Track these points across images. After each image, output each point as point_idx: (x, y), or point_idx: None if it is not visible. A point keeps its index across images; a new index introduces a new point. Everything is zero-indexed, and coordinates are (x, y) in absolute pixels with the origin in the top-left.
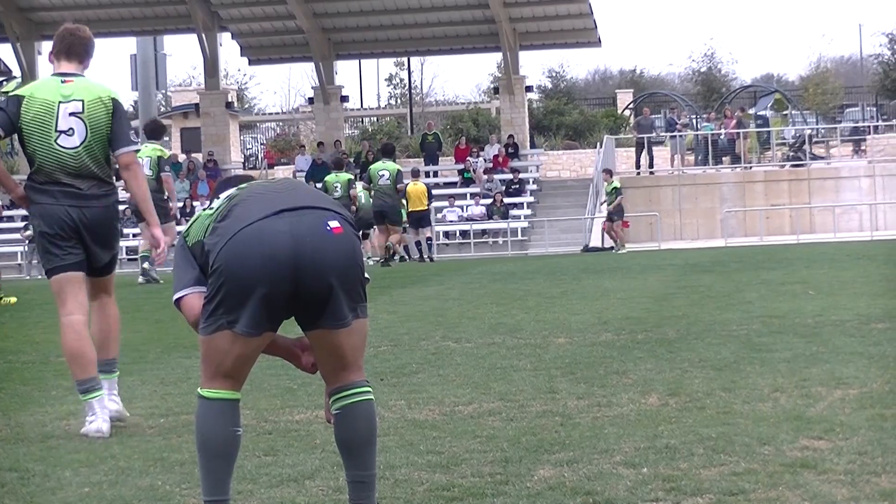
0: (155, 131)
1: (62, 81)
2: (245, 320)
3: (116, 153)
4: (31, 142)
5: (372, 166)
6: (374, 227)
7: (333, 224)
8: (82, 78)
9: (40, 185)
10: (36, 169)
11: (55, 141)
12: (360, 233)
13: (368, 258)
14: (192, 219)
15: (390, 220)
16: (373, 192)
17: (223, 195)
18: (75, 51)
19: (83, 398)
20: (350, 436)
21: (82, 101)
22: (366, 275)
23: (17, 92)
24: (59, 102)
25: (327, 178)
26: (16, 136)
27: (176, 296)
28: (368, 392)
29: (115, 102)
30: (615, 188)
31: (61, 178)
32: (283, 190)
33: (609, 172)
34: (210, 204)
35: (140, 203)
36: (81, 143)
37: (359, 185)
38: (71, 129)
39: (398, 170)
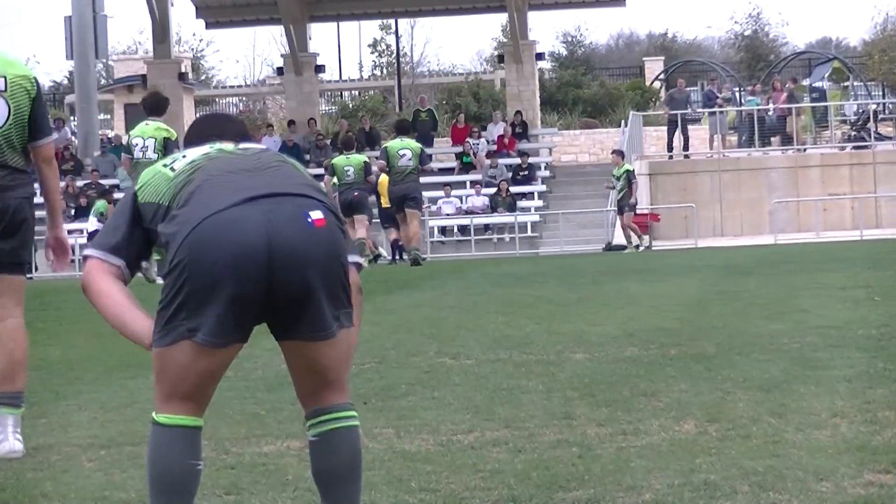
0: (157, 106)
1: None
2: (209, 327)
3: (39, 143)
4: None
5: (389, 145)
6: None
7: (316, 215)
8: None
9: None
10: None
11: None
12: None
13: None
14: (149, 171)
15: (417, 205)
16: (391, 175)
17: (189, 155)
18: None
19: None
20: (329, 468)
21: (4, 77)
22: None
23: None
24: None
25: (335, 161)
26: None
27: (87, 251)
28: (353, 417)
29: (38, 84)
30: (627, 171)
31: None
32: (258, 168)
33: (620, 154)
34: (173, 161)
35: (54, 200)
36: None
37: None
38: None
39: (422, 148)
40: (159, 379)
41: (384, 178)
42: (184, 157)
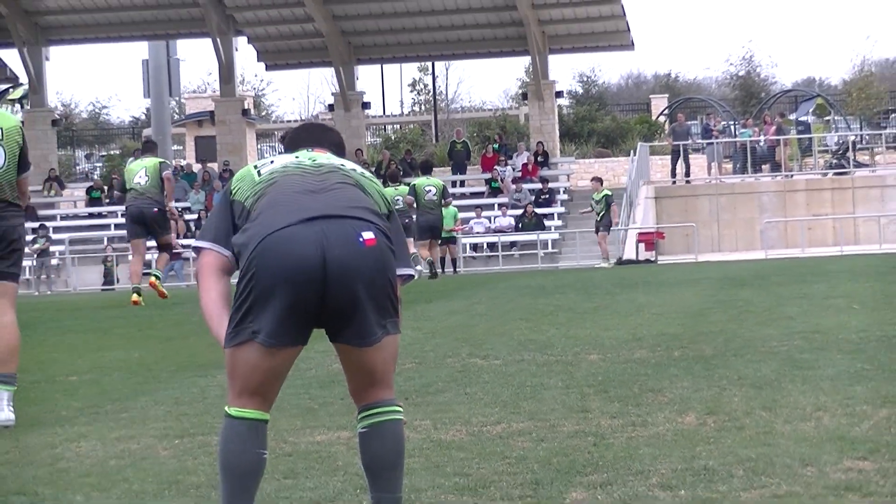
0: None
1: None
2: (269, 330)
3: (22, 176)
4: None
5: (417, 182)
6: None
7: (367, 235)
8: None
9: None
10: None
11: None
12: None
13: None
14: (243, 172)
15: (438, 234)
16: (419, 208)
17: (277, 161)
18: None
19: None
20: (376, 456)
21: (1, 129)
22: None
23: None
24: None
25: (386, 190)
26: None
27: (198, 242)
28: (398, 411)
29: (23, 132)
30: (606, 195)
31: None
32: (322, 189)
33: (599, 181)
34: (262, 166)
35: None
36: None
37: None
38: None
39: (443, 185)
40: (231, 376)
41: None
42: (271, 162)
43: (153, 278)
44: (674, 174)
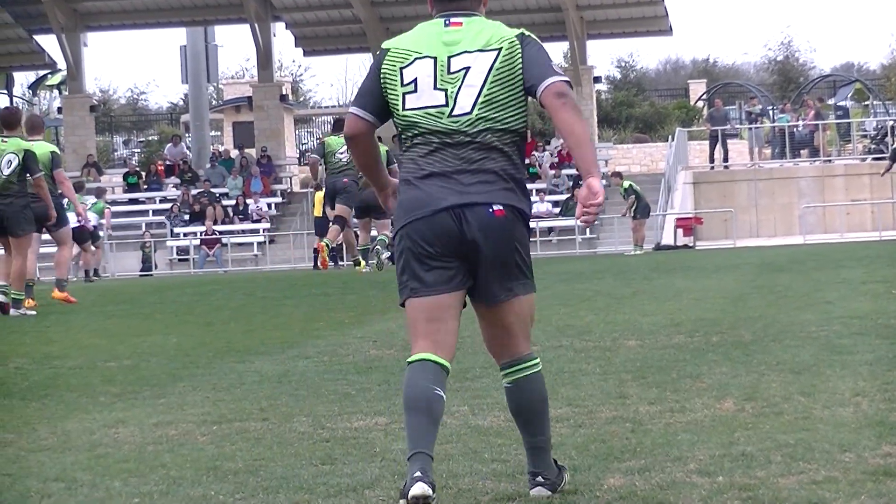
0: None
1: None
2: (420, 286)
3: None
4: None
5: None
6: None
7: (497, 207)
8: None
9: None
10: None
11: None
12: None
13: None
14: (418, 34)
15: (376, 214)
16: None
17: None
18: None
19: None
20: (523, 408)
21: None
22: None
23: None
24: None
25: None
26: None
27: (350, 108)
28: (538, 364)
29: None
30: (626, 189)
31: None
32: (458, 170)
33: (619, 175)
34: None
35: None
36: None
37: None
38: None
39: None
40: (408, 327)
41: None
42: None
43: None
44: (712, 159)
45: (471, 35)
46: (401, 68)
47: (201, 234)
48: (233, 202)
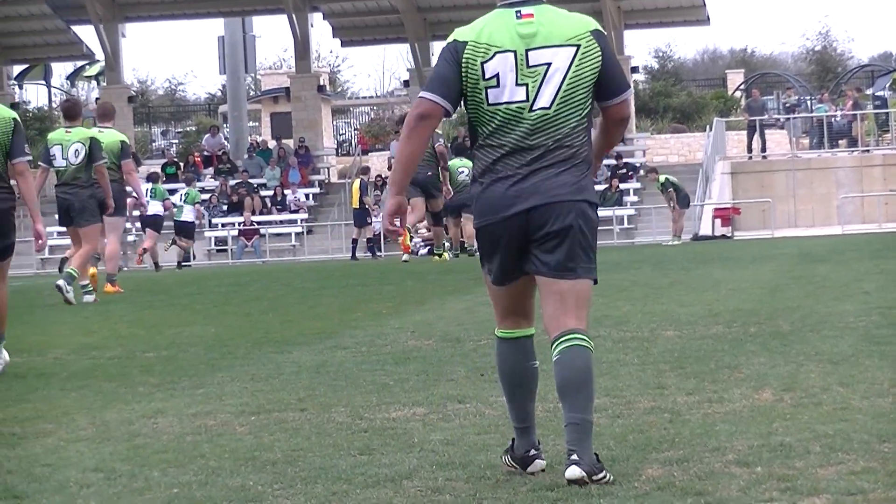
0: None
1: None
2: (495, 271)
3: (14, 161)
4: None
5: (451, 164)
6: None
7: (573, 201)
8: None
9: None
10: None
11: None
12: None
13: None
14: (491, 26)
15: (467, 210)
16: (453, 188)
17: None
18: None
19: None
20: (568, 377)
21: None
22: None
23: None
24: None
25: (451, 162)
26: None
27: (425, 94)
28: (587, 340)
29: (16, 122)
30: (662, 183)
31: None
32: (536, 167)
33: (654, 170)
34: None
35: (30, 202)
36: None
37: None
38: None
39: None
40: (493, 304)
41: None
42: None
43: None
44: (750, 150)
45: (546, 27)
46: (482, 62)
47: (239, 225)
48: (271, 193)
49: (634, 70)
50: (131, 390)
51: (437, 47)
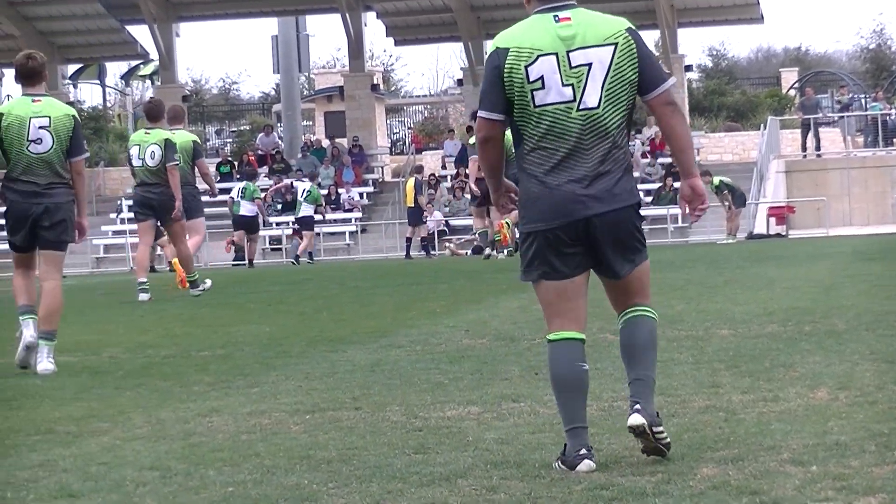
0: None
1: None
2: (555, 273)
3: (73, 160)
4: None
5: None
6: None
7: (622, 206)
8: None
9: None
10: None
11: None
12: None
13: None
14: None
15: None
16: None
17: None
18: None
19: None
20: (632, 341)
21: (49, 117)
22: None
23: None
24: (31, 117)
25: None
26: None
27: (481, 113)
28: (652, 312)
29: (76, 119)
30: (717, 186)
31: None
32: (587, 169)
33: (707, 173)
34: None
35: (81, 198)
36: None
37: None
38: (39, 138)
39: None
40: (542, 306)
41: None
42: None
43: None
44: (804, 148)
45: (583, 28)
46: (525, 66)
47: (293, 224)
48: (325, 192)
49: (688, 68)
50: (186, 389)
51: (490, 46)
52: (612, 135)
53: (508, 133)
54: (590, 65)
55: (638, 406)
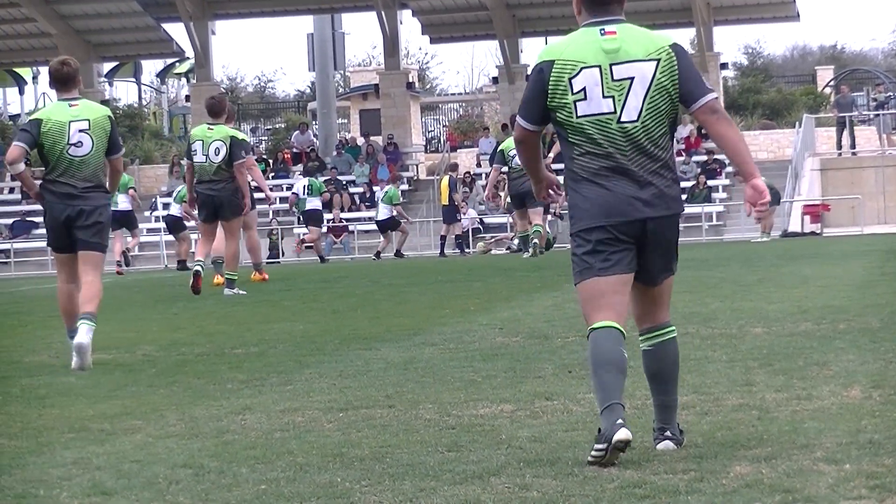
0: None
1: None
2: (604, 266)
3: (112, 157)
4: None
5: (504, 145)
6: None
7: (665, 215)
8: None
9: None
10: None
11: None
12: None
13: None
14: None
15: (530, 203)
16: (509, 174)
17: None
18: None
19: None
20: (660, 368)
21: (89, 120)
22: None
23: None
24: (70, 121)
25: (505, 143)
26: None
27: (519, 119)
28: (674, 331)
29: (111, 119)
30: None
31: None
32: (631, 179)
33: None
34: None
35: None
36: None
37: None
38: (80, 142)
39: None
40: (585, 304)
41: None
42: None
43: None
44: (839, 146)
45: (628, 43)
46: (569, 78)
47: (328, 222)
48: (360, 190)
49: (724, 66)
50: (220, 387)
51: (525, 44)
52: (654, 145)
53: (508, 143)
54: (632, 79)
55: (668, 433)
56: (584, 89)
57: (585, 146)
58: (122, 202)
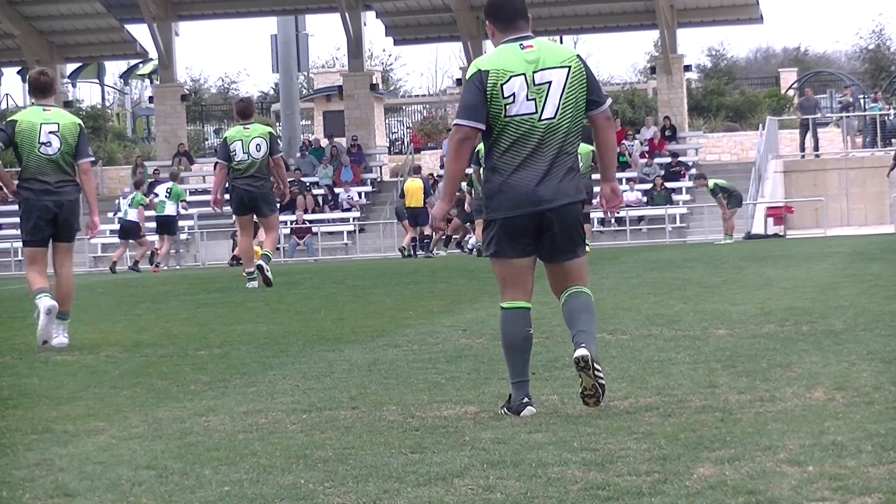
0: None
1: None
2: (504, 250)
3: (80, 162)
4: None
5: (479, 148)
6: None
7: (571, 201)
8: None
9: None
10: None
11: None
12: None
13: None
14: (505, 57)
15: None
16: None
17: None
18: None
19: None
20: (572, 307)
21: (58, 123)
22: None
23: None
24: (42, 123)
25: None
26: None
27: (461, 121)
28: (587, 290)
29: (81, 127)
30: (711, 189)
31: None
32: (545, 169)
33: (702, 177)
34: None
35: (90, 197)
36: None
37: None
38: (49, 141)
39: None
40: (499, 279)
41: (409, 183)
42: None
43: None
44: (802, 148)
45: (545, 53)
46: (501, 84)
47: (292, 223)
48: (323, 191)
49: (687, 69)
50: (183, 388)
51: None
52: (564, 141)
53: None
54: (549, 83)
55: (584, 343)
56: (513, 94)
57: (509, 144)
58: (170, 208)
